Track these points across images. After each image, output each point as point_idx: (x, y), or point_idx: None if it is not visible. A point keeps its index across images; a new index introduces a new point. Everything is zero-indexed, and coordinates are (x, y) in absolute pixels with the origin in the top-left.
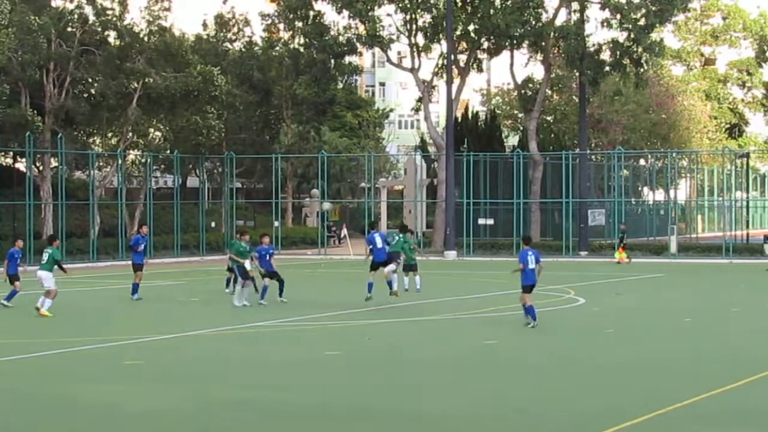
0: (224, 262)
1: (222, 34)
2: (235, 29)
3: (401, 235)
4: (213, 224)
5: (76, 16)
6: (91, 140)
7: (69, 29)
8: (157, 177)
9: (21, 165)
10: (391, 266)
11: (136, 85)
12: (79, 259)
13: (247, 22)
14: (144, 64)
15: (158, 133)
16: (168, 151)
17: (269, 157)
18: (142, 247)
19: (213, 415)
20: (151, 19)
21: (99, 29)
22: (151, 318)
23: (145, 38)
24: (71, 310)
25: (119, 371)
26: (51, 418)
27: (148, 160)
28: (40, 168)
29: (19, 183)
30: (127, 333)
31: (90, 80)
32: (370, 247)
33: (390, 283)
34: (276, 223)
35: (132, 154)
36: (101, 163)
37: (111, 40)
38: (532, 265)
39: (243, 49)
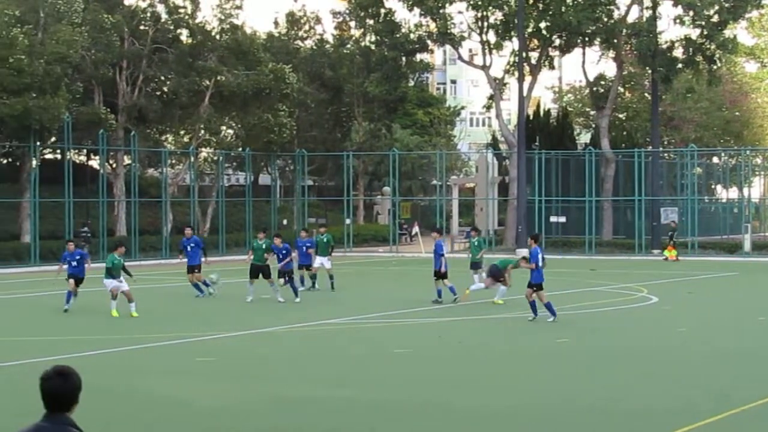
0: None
1: (293, 31)
2: (307, 27)
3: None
4: (285, 222)
5: (148, 15)
6: (163, 138)
7: (141, 27)
8: (229, 174)
9: (94, 162)
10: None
11: (208, 82)
12: (152, 256)
13: (318, 20)
14: (216, 62)
15: (230, 131)
16: (240, 149)
17: (340, 154)
18: (189, 248)
19: (283, 412)
20: (222, 17)
21: (171, 27)
22: (222, 315)
23: (217, 36)
24: (143, 306)
25: (191, 368)
26: (126, 413)
27: (220, 157)
28: (113, 165)
29: (92, 180)
30: (199, 330)
31: (162, 78)
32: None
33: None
34: (347, 221)
35: (204, 152)
36: (173, 161)
37: (183, 38)
38: (541, 264)
39: (314, 47)
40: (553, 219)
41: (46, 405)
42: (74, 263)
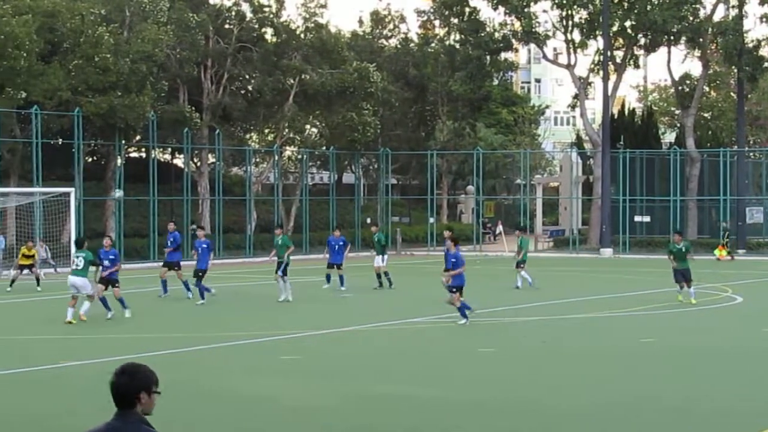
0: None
1: (378, 30)
2: (391, 26)
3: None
4: (368, 220)
5: (233, 13)
6: (247, 136)
7: (226, 26)
8: (313, 173)
9: (179, 161)
10: None
11: (292, 81)
12: (236, 255)
13: (402, 19)
14: (300, 60)
15: (314, 130)
16: (324, 148)
17: (424, 153)
18: (170, 243)
19: (368, 409)
20: (307, 16)
21: (256, 26)
22: (306, 313)
23: (302, 35)
24: (228, 304)
25: (276, 366)
26: (212, 411)
27: (304, 156)
28: (198, 164)
29: (176, 179)
30: (284, 328)
31: (247, 77)
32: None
33: None
34: (431, 220)
35: (288, 151)
36: (258, 159)
37: (268, 36)
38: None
39: (398, 46)
40: (637, 218)
41: (114, 402)
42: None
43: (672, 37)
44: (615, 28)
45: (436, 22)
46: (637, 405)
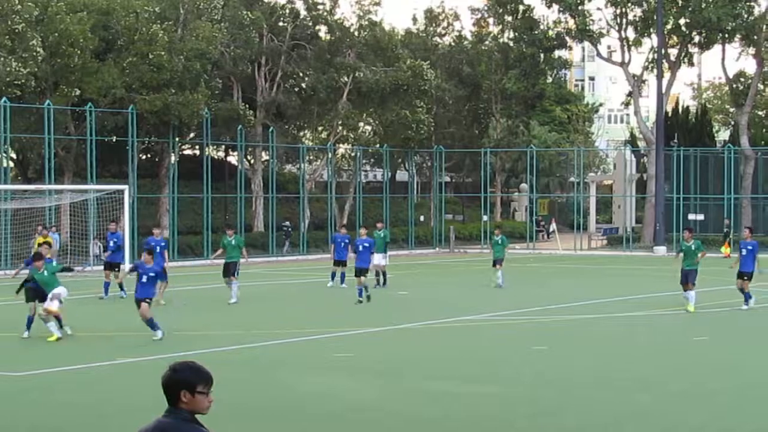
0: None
1: (431, 28)
2: (445, 24)
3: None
4: (422, 218)
5: (287, 11)
6: (301, 134)
7: (280, 24)
8: (366, 171)
9: (233, 158)
10: None
11: (346, 79)
12: (289, 252)
13: (456, 17)
14: (354, 58)
15: (368, 127)
16: (377, 145)
17: (478, 151)
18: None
19: (422, 405)
20: (361, 14)
21: (310, 24)
22: (359, 311)
23: (356, 33)
24: (282, 301)
25: (330, 363)
26: (268, 407)
27: (358, 153)
28: (252, 161)
29: (230, 176)
30: (338, 325)
31: (301, 74)
32: None
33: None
34: (484, 217)
35: (342, 148)
36: (311, 157)
37: (322, 34)
38: None
39: (452, 44)
40: (691, 216)
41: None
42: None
43: (726, 35)
44: (669, 26)
45: (490, 20)
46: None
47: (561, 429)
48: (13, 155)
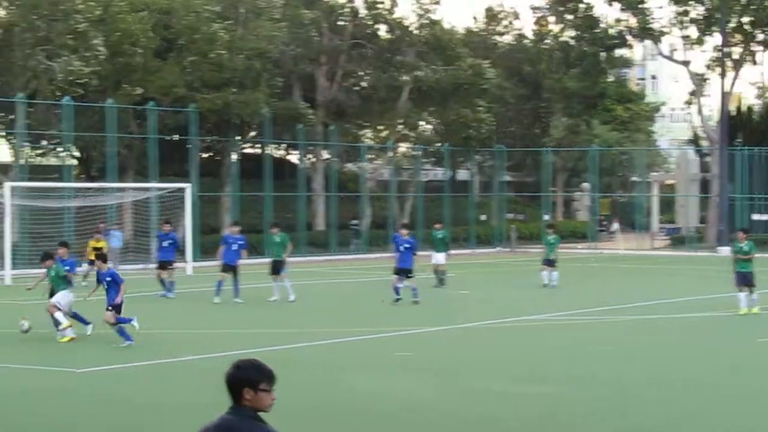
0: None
1: (492, 27)
2: (505, 22)
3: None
4: (483, 217)
5: (347, 10)
6: (361, 133)
7: (340, 23)
8: (427, 170)
9: (293, 157)
10: None
11: (406, 78)
12: (357, 250)
13: (516, 15)
14: (414, 57)
15: (428, 126)
16: (438, 144)
17: (539, 150)
18: (167, 244)
19: (479, 404)
20: (421, 13)
21: (370, 22)
22: (420, 310)
23: (416, 31)
24: (342, 300)
25: (390, 362)
26: (329, 404)
27: (418, 153)
28: (312, 160)
29: (291, 175)
30: (397, 324)
31: (361, 73)
32: None
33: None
34: (545, 217)
35: (402, 147)
36: (372, 156)
37: (381, 33)
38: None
39: (513, 42)
40: (755, 217)
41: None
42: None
43: None
44: (732, 24)
45: (551, 19)
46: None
47: (615, 429)
48: (77, 153)
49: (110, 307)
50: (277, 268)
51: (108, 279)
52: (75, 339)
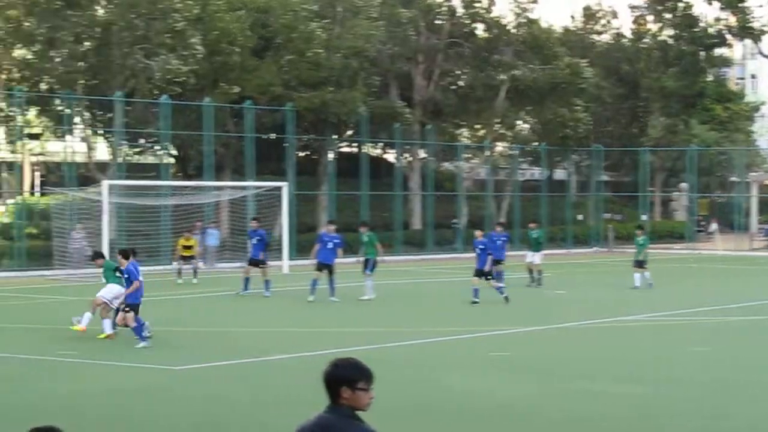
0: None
1: (589, 26)
2: (603, 21)
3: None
4: (580, 217)
5: (444, 9)
6: (458, 132)
7: (437, 22)
8: (524, 169)
9: (390, 156)
10: None
11: (503, 77)
12: (446, 250)
13: (614, 14)
14: (511, 56)
15: (525, 126)
16: (535, 144)
17: (637, 150)
18: (256, 241)
19: (574, 404)
20: (518, 11)
21: (467, 21)
22: (516, 310)
23: (513, 30)
24: (437, 299)
25: (486, 361)
26: (427, 403)
27: (515, 152)
28: (409, 159)
29: (387, 174)
30: (493, 324)
31: (458, 72)
32: None
33: None
34: (643, 217)
35: (499, 146)
36: (468, 155)
37: (479, 32)
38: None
39: (611, 42)
40: None
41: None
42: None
43: None
44: None
45: (649, 18)
46: None
47: (712, 431)
48: (174, 152)
49: (127, 308)
50: (364, 266)
51: (125, 276)
52: (112, 337)
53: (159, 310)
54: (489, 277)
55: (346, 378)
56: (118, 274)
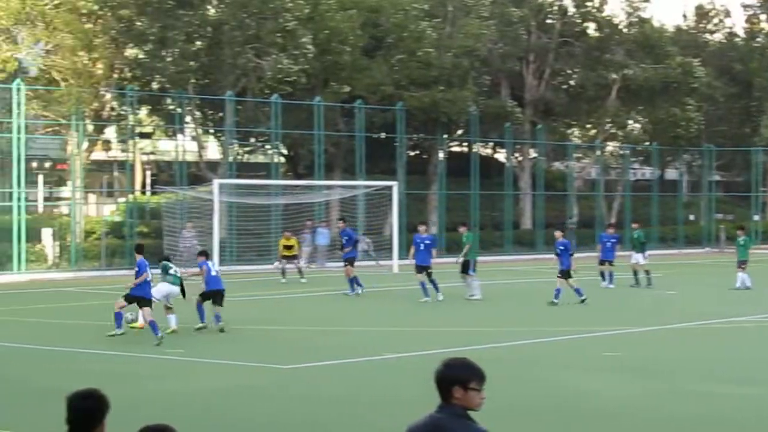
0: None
1: (702, 25)
2: (716, 20)
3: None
4: (692, 217)
5: (555, 8)
6: (569, 131)
7: (548, 21)
8: (635, 169)
9: (500, 155)
10: None
11: (614, 76)
12: (576, 249)
13: (727, 13)
14: (623, 55)
15: (637, 125)
16: (646, 143)
17: (749, 150)
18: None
19: (686, 408)
20: (630, 11)
21: (578, 21)
22: (627, 310)
23: (624, 29)
24: (547, 299)
25: (598, 361)
26: (538, 403)
27: (626, 152)
28: (519, 158)
29: (498, 173)
30: (604, 324)
31: (569, 71)
32: None
33: None
34: (755, 217)
35: (610, 146)
36: (579, 155)
37: (590, 31)
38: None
39: (723, 41)
40: None
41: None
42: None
43: None
44: None
45: (762, 16)
46: None
47: None
48: (284, 151)
49: (130, 301)
50: (465, 267)
51: (135, 269)
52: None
53: (262, 309)
54: (569, 277)
55: (458, 378)
56: (171, 272)
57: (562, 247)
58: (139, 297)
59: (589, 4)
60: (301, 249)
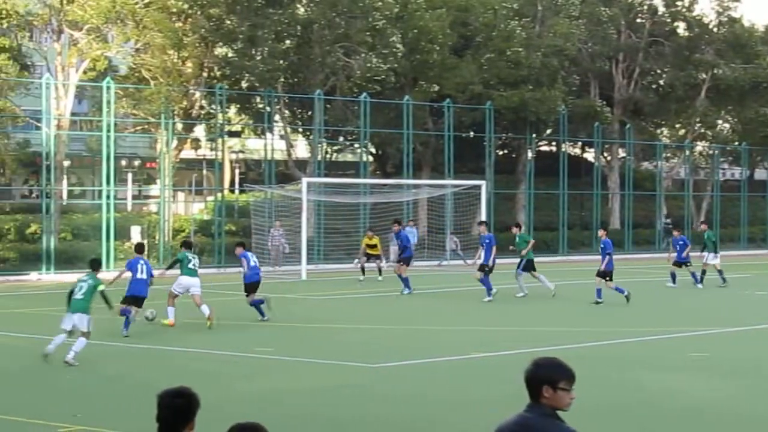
0: None
1: None
2: None
3: None
4: None
5: (645, 7)
6: (658, 131)
7: (638, 20)
8: (724, 169)
9: (589, 155)
10: None
11: (704, 76)
12: (645, 250)
13: None
14: (713, 55)
15: (726, 125)
16: (736, 143)
17: None
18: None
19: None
20: (720, 10)
21: (668, 20)
22: (716, 311)
23: (715, 29)
24: (636, 298)
25: (685, 362)
26: (622, 403)
27: (716, 151)
28: (608, 158)
29: (586, 173)
30: (690, 324)
31: (658, 71)
32: None
33: None
34: None
35: (699, 146)
36: (668, 154)
37: (680, 31)
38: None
39: None
40: None
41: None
42: None
43: None
44: None
45: None
46: None
47: None
48: (373, 150)
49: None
50: (527, 266)
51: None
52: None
53: (344, 307)
54: (609, 278)
55: (547, 377)
56: (190, 266)
57: (602, 246)
58: (136, 297)
59: (679, 3)
60: (388, 248)
